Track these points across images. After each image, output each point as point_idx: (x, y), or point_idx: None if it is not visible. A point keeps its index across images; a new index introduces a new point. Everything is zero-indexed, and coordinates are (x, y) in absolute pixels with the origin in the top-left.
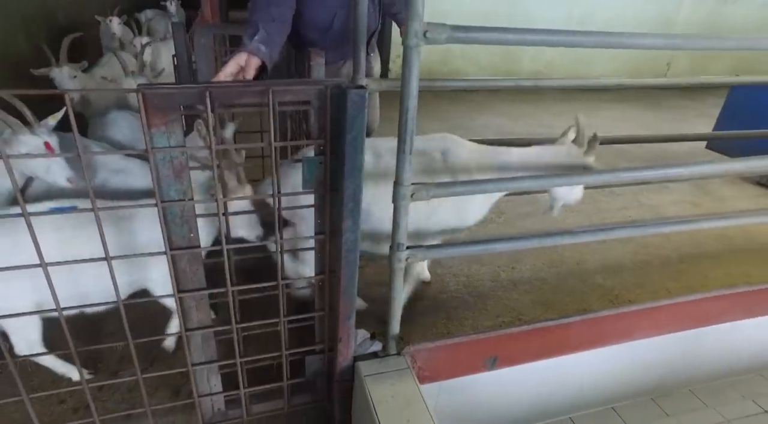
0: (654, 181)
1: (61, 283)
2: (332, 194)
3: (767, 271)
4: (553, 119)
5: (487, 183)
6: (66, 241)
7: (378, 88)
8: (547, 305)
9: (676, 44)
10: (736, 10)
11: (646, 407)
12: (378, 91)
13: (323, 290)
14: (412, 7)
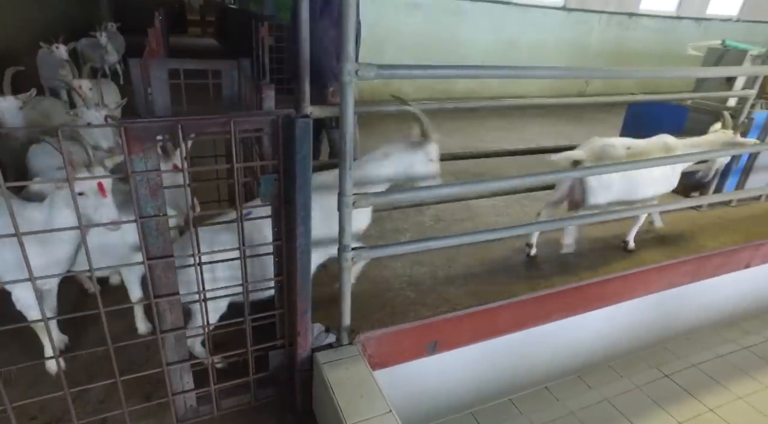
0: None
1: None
2: (286, 206)
3: (659, 256)
4: (487, 133)
5: (419, 191)
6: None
7: (322, 114)
8: (479, 296)
9: (567, 75)
10: (635, 34)
11: (574, 383)
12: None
13: (282, 290)
14: (344, 51)
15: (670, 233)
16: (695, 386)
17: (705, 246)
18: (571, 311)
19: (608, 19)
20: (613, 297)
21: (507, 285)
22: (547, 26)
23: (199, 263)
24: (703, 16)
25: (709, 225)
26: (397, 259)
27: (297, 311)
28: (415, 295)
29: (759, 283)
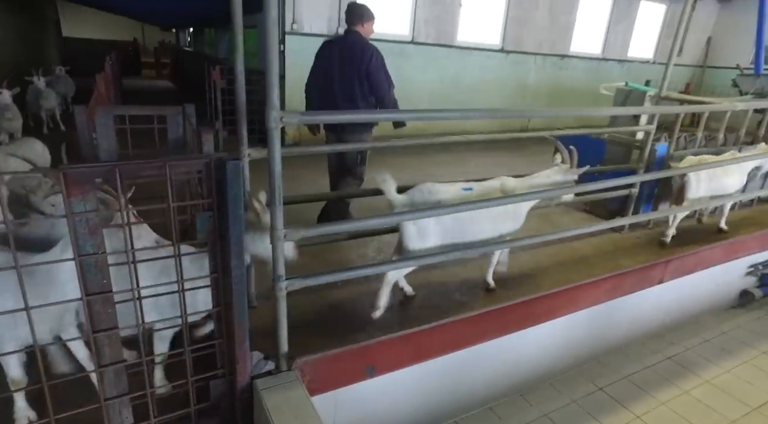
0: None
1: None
2: (221, 241)
3: (583, 275)
4: (435, 168)
5: (352, 223)
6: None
7: (258, 156)
8: (416, 319)
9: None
10: (568, 73)
11: (516, 402)
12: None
13: (221, 320)
14: (269, 100)
15: (593, 254)
16: (625, 396)
17: (622, 265)
18: (503, 330)
19: (543, 60)
20: (543, 315)
21: (443, 309)
22: (488, 67)
23: (139, 297)
24: (624, 58)
25: (629, 246)
26: (338, 290)
27: (235, 340)
28: (354, 322)
29: (677, 296)
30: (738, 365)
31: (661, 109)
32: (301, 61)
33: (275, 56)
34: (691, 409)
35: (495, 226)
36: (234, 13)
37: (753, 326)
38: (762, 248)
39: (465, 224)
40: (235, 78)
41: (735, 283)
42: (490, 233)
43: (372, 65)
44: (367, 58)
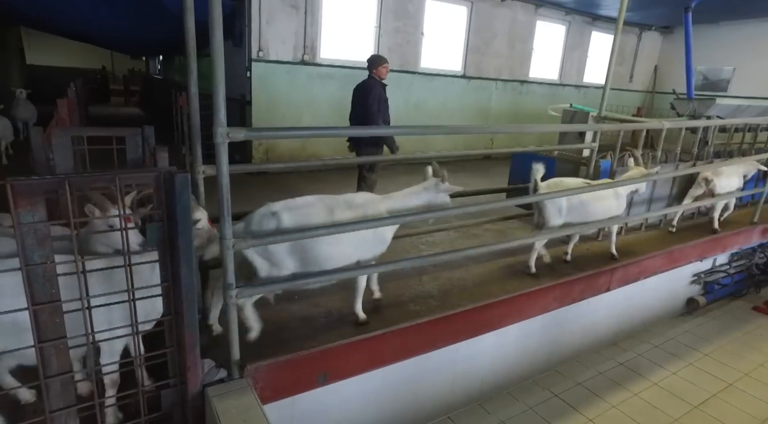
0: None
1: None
2: (171, 250)
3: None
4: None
5: (294, 233)
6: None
7: (212, 172)
8: (368, 330)
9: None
10: (528, 98)
11: (475, 411)
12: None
13: (171, 329)
14: (217, 118)
15: (545, 265)
16: (579, 401)
17: (569, 274)
18: (454, 337)
19: (504, 86)
20: (494, 323)
21: (396, 318)
22: (451, 92)
23: (88, 307)
24: (581, 83)
25: (578, 257)
26: (295, 302)
27: (185, 347)
28: (308, 332)
29: (628, 305)
30: (683, 367)
31: (599, 127)
32: (268, 86)
33: (221, 77)
34: (639, 410)
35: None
36: (187, 38)
37: (697, 331)
38: (700, 257)
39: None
40: (189, 100)
41: (681, 291)
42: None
43: (369, 99)
44: (367, 94)
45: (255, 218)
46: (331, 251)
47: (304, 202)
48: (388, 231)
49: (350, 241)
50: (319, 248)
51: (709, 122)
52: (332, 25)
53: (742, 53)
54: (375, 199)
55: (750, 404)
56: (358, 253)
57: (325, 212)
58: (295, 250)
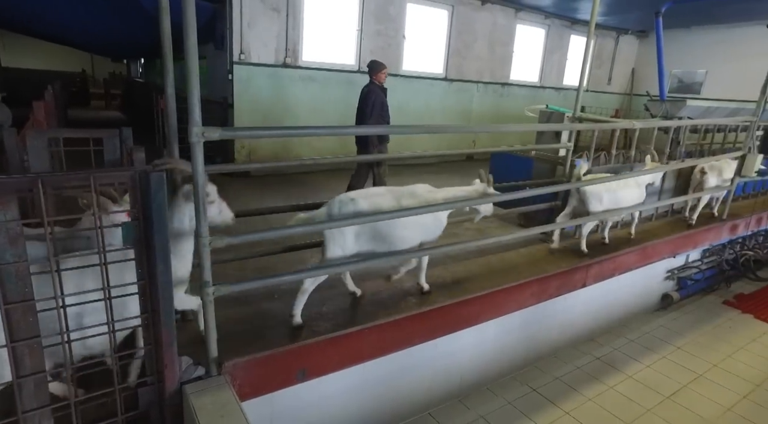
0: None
1: None
2: (147, 248)
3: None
4: None
5: (273, 231)
6: None
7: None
8: (346, 326)
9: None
10: (508, 100)
11: (455, 407)
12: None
13: (148, 327)
14: (191, 118)
15: (523, 262)
16: (556, 395)
17: (547, 270)
18: (432, 333)
19: (485, 88)
20: (472, 318)
21: (372, 315)
22: (433, 94)
23: (63, 306)
24: (561, 85)
25: (556, 254)
26: (274, 301)
27: (163, 345)
28: (286, 329)
29: (605, 301)
30: (657, 360)
31: (573, 126)
32: (250, 89)
33: (196, 77)
34: (614, 402)
35: (415, 234)
36: (163, 39)
37: (671, 326)
38: (672, 253)
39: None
40: (165, 101)
41: (656, 287)
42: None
43: (365, 103)
44: (364, 98)
45: (335, 203)
46: (402, 233)
47: (376, 191)
48: (444, 216)
49: (415, 224)
50: (390, 231)
51: (679, 122)
52: (314, 28)
53: (713, 57)
54: (433, 190)
55: (718, 393)
56: (421, 235)
57: (393, 200)
58: (364, 232)
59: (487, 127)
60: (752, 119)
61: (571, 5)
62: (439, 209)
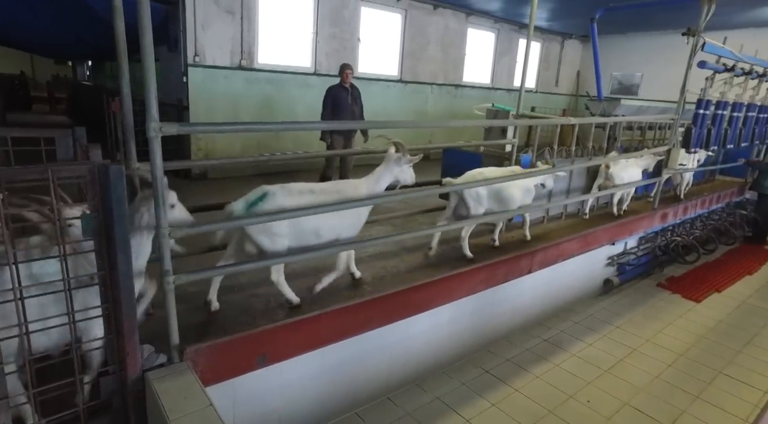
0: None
1: None
2: (107, 240)
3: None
4: None
5: (234, 221)
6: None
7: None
8: (303, 312)
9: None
10: (461, 101)
11: (412, 390)
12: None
13: (110, 317)
14: (149, 113)
15: (474, 252)
16: (508, 375)
17: (494, 257)
18: (387, 317)
19: (439, 89)
20: (425, 303)
21: (331, 302)
22: (389, 96)
23: (21, 297)
24: (511, 87)
25: (503, 243)
26: (235, 293)
27: (124, 333)
28: (248, 318)
29: (552, 287)
30: (598, 339)
31: (515, 122)
32: (205, 91)
33: (152, 74)
34: (559, 378)
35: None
36: (117, 38)
37: (612, 308)
38: (611, 240)
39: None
40: (121, 99)
41: (598, 273)
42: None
43: (323, 101)
44: (324, 97)
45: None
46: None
47: (297, 187)
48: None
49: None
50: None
51: (612, 119)
52: (269, 30)
53: (648, 61)
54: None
55: (648, 363)
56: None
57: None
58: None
59: (436, 123)
60: (674, 117)
61: (518, 11)
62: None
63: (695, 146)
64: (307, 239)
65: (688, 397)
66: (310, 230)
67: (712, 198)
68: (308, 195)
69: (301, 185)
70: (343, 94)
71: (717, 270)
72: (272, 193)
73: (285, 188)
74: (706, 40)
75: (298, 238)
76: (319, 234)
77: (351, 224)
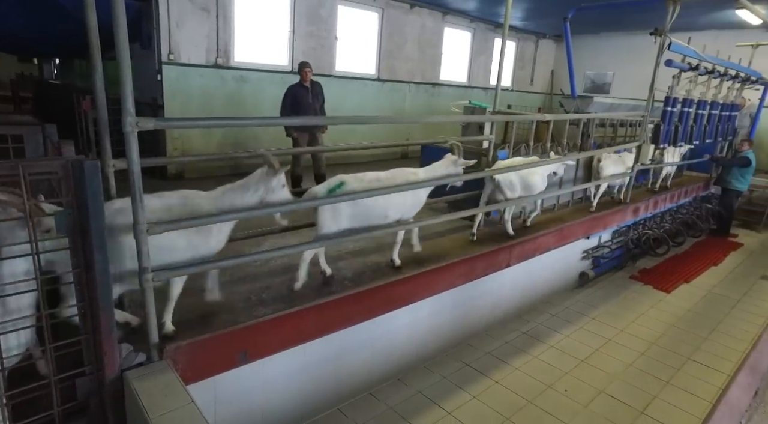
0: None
1: None
2: (83, 236)
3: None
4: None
5: (213, 217)
6: None
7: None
8: (289, 306)
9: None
10: (439, 99)
11: (394, 385)
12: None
13: (86, 316)
14: (124, 107)
15: (452, 246)
16: (488, 368)
17: (472, 252)
18: (369, 313)
19: (416, 88)
20: (405, 298)
21: (313, 297)
22: (367, 94)
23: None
24: (488, 85)
25: (482, 238)
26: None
27: (101, 331)
28: (228, 316)
29: (530, 281)
30: (575, 330)
31: (492, 118)
32: (180, 90)
33: (128, 69)
34: (538, 368)
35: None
36: (90, 35)
37: (587, 300)
38: (586, 234)
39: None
40: (95, 94)
41: (574, 266)
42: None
43: (283, 99)
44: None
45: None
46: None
47: (364, 175)
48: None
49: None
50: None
51: (585, 115)
52: (246, 28)
53: (619, 60)
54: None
55: (622, 352)
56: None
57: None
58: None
59: (412, 119)
60: (644, 114)
61: (493, 10)
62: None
63: (664, 142)
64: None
65: (660, 383)
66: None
67: (680, 193)
68: (376, 182)
69: (371, 174)
70: (303, 92)
71: (685, 262)
72: (347, 182)
73: (357, 177)
74: (672, 39)
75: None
76: (386, 215)
77: (414, 203)
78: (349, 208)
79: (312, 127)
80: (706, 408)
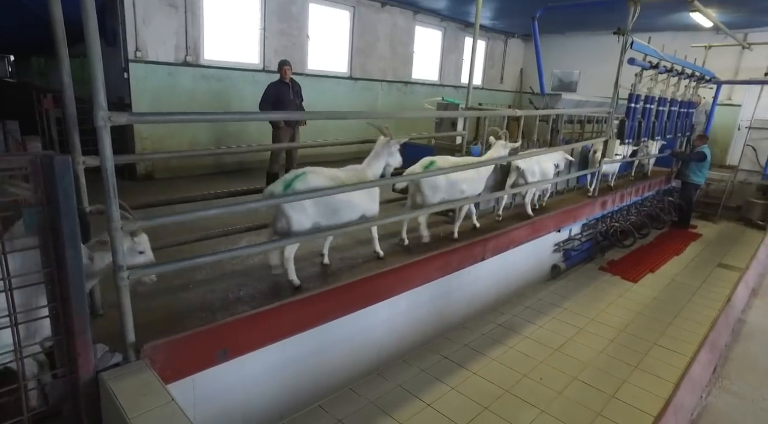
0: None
1: None
2: (54, 234)
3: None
4: None
5: (185, 215)
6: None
7: (94, 163)
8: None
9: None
10: (411, 97)
11: (374, 380)
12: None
13: (58, 317)
14: (96, 102)
15: (432, 241)
16: (465, 360)
17: (449, 245)
18: (346, 308)
19: (389, 86)
20: (383, 293)
21: (287, 294)
22: (339, 93)
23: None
24: (459, 84)
25: (460, 232)
26: (191, 290)
27: (74, 333)
28: (206, 314)
29: (504, 274)
30: (548, 321)
31: (464, 114)
32: (148, 88)
33: (99, 63)
34: (514, 359)
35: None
36: (54, 27)
37: (560, 291)
38: (557, 227)
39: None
40: (63, 89)
41: (546, 259)
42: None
43: (263, 96)
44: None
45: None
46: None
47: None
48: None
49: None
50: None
51: (555, 111)
52: (216, 26)
53: (585, 60)
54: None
55: (593, 340)
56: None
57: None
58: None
59: (390, 114)
60: (610, 111)
61: (463, 9)
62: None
63: (629, 137)
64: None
65: (628, 367)
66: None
67: (645, 186)
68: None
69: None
70: (285, 89)
71: (650, 253)
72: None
73: (444, 158)
74: (634, 38)
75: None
76: (463, 190)
77: (479, 179)
78: (444, 182)
79: (294, 123)
80: (671, 389)
